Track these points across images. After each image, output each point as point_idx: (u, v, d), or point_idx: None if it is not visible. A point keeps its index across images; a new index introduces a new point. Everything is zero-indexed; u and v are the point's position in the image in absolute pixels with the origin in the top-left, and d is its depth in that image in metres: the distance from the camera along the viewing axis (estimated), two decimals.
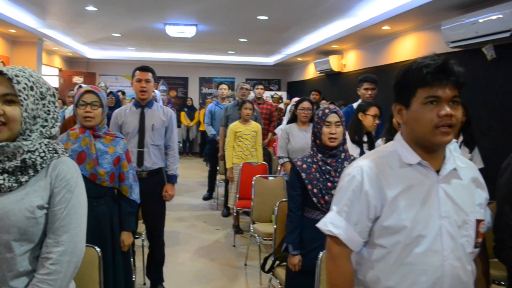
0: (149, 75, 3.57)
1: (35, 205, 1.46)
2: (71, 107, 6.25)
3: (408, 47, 6.49)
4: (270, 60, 12.94)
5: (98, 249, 2.11)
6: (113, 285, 2.59)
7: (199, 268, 4.43)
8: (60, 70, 11.77)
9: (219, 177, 6.93)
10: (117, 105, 6.23)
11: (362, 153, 3.63)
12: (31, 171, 1.48)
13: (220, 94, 7.05)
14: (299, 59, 11.32)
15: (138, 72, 3.59)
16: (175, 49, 11.35)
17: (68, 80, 11.36)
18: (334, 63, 9.07)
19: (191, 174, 9.55)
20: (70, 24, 8.05)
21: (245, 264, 4.51)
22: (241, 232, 5.46)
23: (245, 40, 9.36)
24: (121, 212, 2.78)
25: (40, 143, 1.51)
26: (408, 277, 1.39)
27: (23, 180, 1.46)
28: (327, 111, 2.73)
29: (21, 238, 1.45)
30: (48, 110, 1.54)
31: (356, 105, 4.30)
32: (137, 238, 3.69)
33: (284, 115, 7.40)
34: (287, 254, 2.75)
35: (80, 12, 6.88)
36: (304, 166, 2.69)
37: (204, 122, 7.04)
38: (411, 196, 1.40)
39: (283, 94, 12.05)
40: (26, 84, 1.46)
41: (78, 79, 11.29)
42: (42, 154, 1.50)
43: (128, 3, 6.26)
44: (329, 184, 2.62)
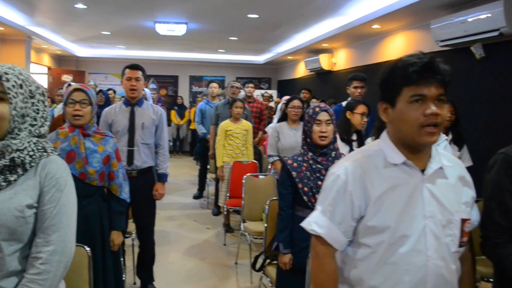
0: (139, 73, 3.55)
1: (24, 204, 1.45)
2: (60, 106, 6.21)
3: (398, 46, 6.52)
4: (261, 58, 12.94)
5: (88, 248, 2.10)
6: (103, 284, 2.58)
7: (189, 267, 4.43)
8: (49, 69, 11.66)
9: (210, 175, 6.91)
10: (106, 103, 6.20)
11: (352, 151, 3.64)
12: (20, 170, 1.47)
13: (210, 92, 7.02)
14: (289, 57, 11.33)
15: (128, 70, 3.57)
16: (165, 47, 11.30)
17: (57, 79, 11.27)
18: (324, 61, 9.10)
19: (181, 173, 9.52)
20: (59, 22, 7.98)
21: (235, 263, 4.51)
22: (231, 231, 5.45)
23: (235, 38, 9.35)
24: (111, 211, 2.76)
25: (29, 142, 1.49)
26: (391, 276, 1.39)
27: (12, 179, 1.45)
28: (317, 109, 2.73)
29: (10, 238, 1.43)
30: (37, 109, 1.53)
31: (345, 103, 4.31)
32: (127, 237, 3.68)
33: (275, 113, 7.41)
34: (277, 252, 2.75)
35: (69, 10, 6.82)
36: (295, 164, 2.69)
37: (195, 120, 7.02)
38: (395, 196, 1.40)
39: (274, 93, 12.07)
40: (15, 82, 1.45)
41: (67, 78, 11.21)
42: (31, 153, 1.48)
43: (117, 1, 6.22)
44: (319, 182, 2.62)
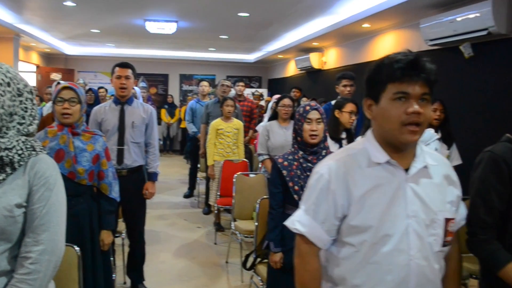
0: (128, 72, 3.53)
1: (13, 203, 1.43)
2: (49, 104, 6.16)
3: (388, 45, 6.55)
4: (251, 57, 12.94)
5: (77, 248, 2.09)
6: (92, 284, 2.57)
7: (180, 266, 4.41)
8: (37, 67, 11.56)
9: (200, 174, 6.90)
10: (96, 102, 6.17)
11: None
12: (8, 169, 1.45)
13: (201, 91, 7.00)
14: (279, 56, 11.34)
15: (117, 68, 3.54)
16: (155, 45, 11.25)
17: (45, 77, 11.17)
18: (315, 60, 9.13)
19: (171, 171, 9.49)
20: (48, 19, 7.91)
21: (226, 262, 4.50)
22: (222, 230, 5.45)
23: (226, 37, 9.33)
24: (100, 211, 2.74)
25: (17, 141, 1.48)
26: (374, 276, 1.39)
27: (0, 178, 1.43)
28: (308, 108, 2.73)
29: None
30: (26, 107, 1.51)
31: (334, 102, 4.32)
32: (117, 236, 3.65)
33: (265, 112, 7.41)
34: (268, 251, 2.75)
35: (58, 7, 6.76)
36: (285, 163, 2.69)
37: (185, 119, 6.99)
38: (378, 196, 1.39)
39: (264, 91, 12.06)
40: (3, 80, 1.43)
41: (56, 76, 11.11)
42: (20, 152, 1.47)
43: None
44: None
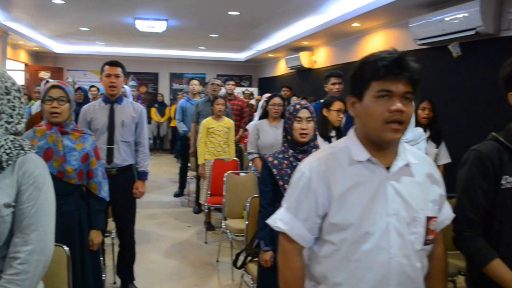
0: (118, 70, 3.51)
1: (1, 203, 1.42)
2: (37, 103, 6.11)
3: (377, 44, 6.58)
4: (241, 56, 12.93)
5: (67, 248, 2.08)
6: (82, 284, 2.55)
7: (170, 265, 4.41)
8: (26, 65, 11.44)
9: (190, 173, 6.88)
10: (85, 101, 6.13)
11: None
12: None
13: (191, 90, 6.99)
14: (270, 55, 11.34)
15: (107, 67, 3.52)
16: (145, 44, 11.19)
17: (34, 75, 11.06)
18: (305, 59, 9.15)
19: (162, 171, 9.46)
20: (36, 17, 7.83)
21: (217, 261, 4.50)
22: (212, 229, 5.44)
23: (216, 35, 9.32)
24: (89, 210, 2.73)
25: (5, 140, 1.46)
26: (354, 274, 1.39)
27: None
28: (298, 106, 2.74)
29: None
30: (14, 106, 1.50)
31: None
32: (107, 236, 3.64)
33: (256, 111, 7.41)
34: (259, 250, 2.76)
35: (46, 5, 6.69)
36: (275, 162, 2.70)
37: (175, 118, 6.98)
38: (358, 193, 1.39)
39: (254, 90, 12.06)
40: None
41: (44, 74, 11.01)
42: (8, 151, 1.45)
43: None
44: None
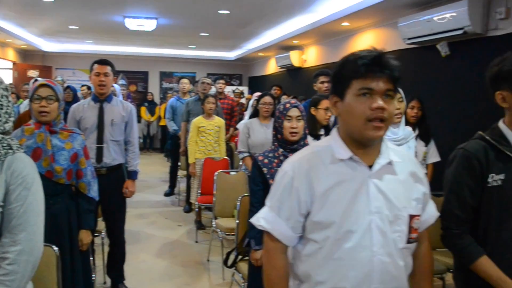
0: (107, 69, 3.49)
1: None
2: (26, 102, 6.05)
3: (367, 43, 6.60)
4: (232, 55, 12.92)
5: (56, 248, 2.06)
6: (71, 285, 2.53)
7: (161, 265, 4.39)
8: (14, 64, 11.34)
9: (181, 172, 6.87)
10: (74, 99, 6.09)
11: None
12: None
13: (181, 88, 6.97)
14: (260, 54, 11.35)
15: (96, 65, 3.50)
16: (135, 42, 11.14)
17: (22, 74, 10.98)
18: (295, 58, 9.17)
19: (152, 170, 9.42)
20: (25, 15, 7.75)
21: (207, 260, 4.50)
22: (203, 228, 5.44)
23: (206, 34, 9.30)
24: (79, 210, 2.71)
25: None
26: (337, 272, 1.39)
27: None
28: (288, 105, 2.74)
29: None
30: (1, 105, 1.49)
31: None
32: (96, 236, 3.62)
33: (246, 110, 7.41)
34: (249, 249, 2.76)
35: (35, 3, 6.64)
36: (266, 161, 2.70)
37: (165, 117, 6.95)
38: (340, 192, 1.40)
39: (245, 89, 12.07)
40: None
41: (33, 73, 10.93)
42: None
43: None
44: None
